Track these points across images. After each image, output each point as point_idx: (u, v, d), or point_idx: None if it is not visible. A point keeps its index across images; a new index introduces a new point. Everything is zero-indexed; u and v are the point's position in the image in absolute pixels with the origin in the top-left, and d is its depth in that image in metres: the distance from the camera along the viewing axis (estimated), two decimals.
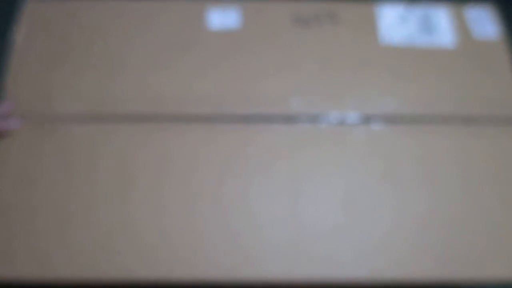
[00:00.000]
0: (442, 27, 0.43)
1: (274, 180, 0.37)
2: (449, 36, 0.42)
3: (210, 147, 0.38)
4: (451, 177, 0.37)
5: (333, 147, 0.38)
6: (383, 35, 0.42)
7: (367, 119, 0.39)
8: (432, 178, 0.37)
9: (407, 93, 0.40)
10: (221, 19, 0.43)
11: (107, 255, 0.34)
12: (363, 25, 0.43)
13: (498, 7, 0.44)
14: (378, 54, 0.42)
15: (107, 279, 0.34)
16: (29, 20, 0.42)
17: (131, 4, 0.44)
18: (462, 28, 0.43)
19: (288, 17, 0.43)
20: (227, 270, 0.34)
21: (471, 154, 0.38)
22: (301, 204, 0.36)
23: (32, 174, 0.37)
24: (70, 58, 0.41)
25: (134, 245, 0.35)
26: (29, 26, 0.42)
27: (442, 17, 0.43)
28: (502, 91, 0.40)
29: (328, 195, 0.37)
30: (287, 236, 0.35)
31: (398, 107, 0.40)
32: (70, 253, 0.34)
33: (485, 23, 0.43)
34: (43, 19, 0.42)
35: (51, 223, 0.35)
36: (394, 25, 0.43)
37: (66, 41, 0.42)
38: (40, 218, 0.35)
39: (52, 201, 0.36)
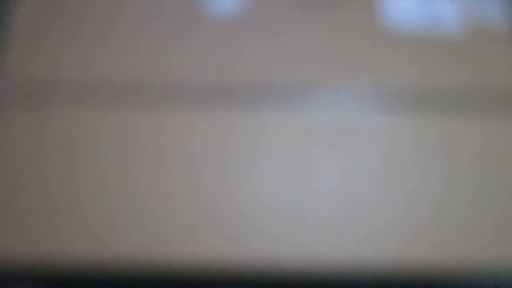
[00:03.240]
0: (448, 17, 0.43)
1: (275, 161, 0.37)
2: (456, 27, 0.42)
3: (211, 129, 0.38)
4: (448, 164, 0.37)
5: (333, 131, 0.38)
6: (389, 24, 0.42)
7: (371, 106, 0.39)
8: (430, 164, 0.37)
9: (411, 81, 0.40)
10: (224, 4, 0.42)
11: (113, 235, 0.34)
12: (369, 13, 0.43)
13: None
14: (383, 43, 0.41)
15: (111, 256, 0.34)
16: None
17: None
18: (469, 19, 0.43)
19: (294, 3, 0.43)
20: (232, 247, 0.34)
21: (471, 143, 0.38)
22: (301, 184, 0.36)
23: (33, 154, 0.36)
24: (70, 38, 0.40)
25: (141, 224, 0.34)
26: (28, 4, 0.42)
27: (448, 7, 0.43)
28: (509, 83, 0.40)
29: (327, 178, 0.37)
30: (288, 212, 0.35)
31: (401, 95, 0.40)
32: (76, 232, 0.34)
33: (492, 14, 0.43)
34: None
35: (53, 199, 0.35)
36: (399, 14, 0.43)
37: (65, 21, 0.41)
38: (44, 197, 0.35)
39: (54, 178, 0.35)
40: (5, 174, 0.36)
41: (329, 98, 0.39)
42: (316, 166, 0.37)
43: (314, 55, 0.41)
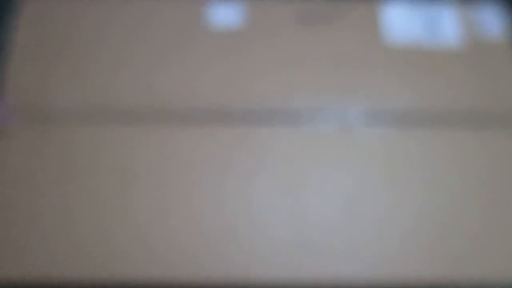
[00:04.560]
0: (447, 27, 0.42)
1: (276, 180, 0.37)
2: (454, 36, 0.42)
3: (212, 145, 0.37)
4: (453, 178, 0.37)
5: (336, 148, 0.38)
6: (388, 34, 0.42)
7: (370, 120, 0.39)
8: (435, 179, 0.37)
9: (411, 93, 0.40)
10: (224, 17, 0.42)
11: (110, 255, 0.34)
12: (367, 24, 0.43)
13: (505, 5, 0.44)
14: (382, 53, 0.41)
15: (108, 276, 0.34)
16: (29, 15, 0.42)
17: (132, 2, 0.43)
18: (468, 28, 0.42)
19: (292, 16, 0.43)
20: (229, 268, 0.34)
21: (474, 157, 0.38)
22: (303, 205, 0.36)
23: (32, 174, 0.36)
24: (71, 55, 0.40)
25: (137, 245, 0.34)
26: (29, 22, 0.41)
27: (447, 17, 0.43)
28: (508, 92, 0.40)
29: (330, 196, 0.36)
30: (290, 236, 0.35)
31: (402, 107, 0.39)
32: (72, 253, 0.34)
33: (491, 23, 0.42)
34: (43, 14, 0.42)
35: (51, 220, 0.35)
36: (398, 25, 0.42)
37: (66, 38, 0.41)
38: (42, 217, 0.35)
39: (52, 199, 0.35)
40: (3, 196, 0.36)
41: (331, 118, 0.39)
42: (319, 186, 0.37)
43: (317, 75, 0.41)
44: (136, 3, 0.43)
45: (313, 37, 0.42)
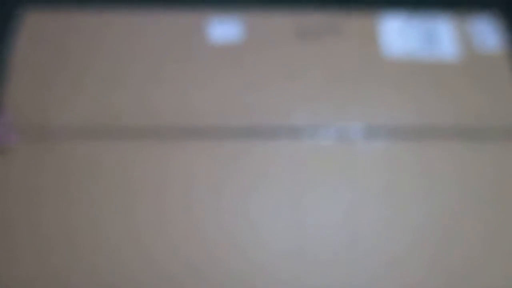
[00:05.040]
0: (445, 40, 0.43)
1: (276, 195, 0.37)
2: (452, 49, 0.42)
3: (211, 161, 0.37)
4: (453, 192, 0.37)
5: (335, 162, 0.38)
6: (385, 47, 0.42)
7: (369, 133, 0.39)
8: (434, 193, 0.37)
9: (409, 106, 0.40)
10: (223, 31, 0.42)
11: (111, 270, 0.34)
12: (365, 38, 0.43)
13: (502, 17, 0.44)
14: (380, 67, 0.42)
15: None
16: (27, 32, 0.42)
17: (130, 17, 0.43)
18: (465, 41, 0.43)
19: (291, 29, 0.43)
20: (232, 282, 0.34)
21: (473, 170, 0.38)
22: (303, 219, 0.36)
23: (32, 190, 0.36)
24: (69, 71, 0.40)
25: (139, 259, 0.34)
26: (27, 38, 0.41)
27: (444, 30, 0.43)
28: (506, 105, 0.40)
29: (330, 210, 0.36)
30: (290, 249, 0.35)
31: (400, 121, 0.39)
32: (73, 269, 0.34)
33: (488, 36, 0.43)
34: (41, 31, 0.42)
35: (53, 239, 0.35)
36: (396, 38, 0.43)
37: (64, 53, 0.41)
38: (43, 234, 0.35)
39: (53, 217, 0.35)
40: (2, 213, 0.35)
41: (330, 132, 0.39)
42: (319, 200, 0.37)
43: (316, 88, 0.41)
44: (134, 18, 0.43)
45: (312, 51, 0.42)
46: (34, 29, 0.42)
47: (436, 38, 0.43)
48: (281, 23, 0.43)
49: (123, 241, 0.35)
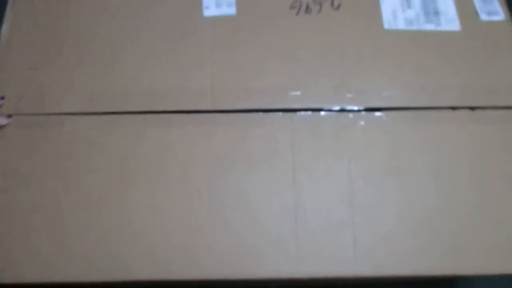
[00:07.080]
0: (447, 10, 0.41)
1: (275, 174, 0.36)
2: (454, 20, 0.41)
3: (208, 141, 0.37)
4: (457, 166, 0.37)
5: (335, 139, 0.37)
6: (386, 20, 0.41)
7: (370, 108, 0.38)
8: (438, 168, 0.36)
9: (411, 79, 0.39)
10: (217, 5, 0.41)
11: (105, 254, 0.34)
12: (365, 10, 0.41)
13: None
14: (381, 40, 0.40)
15: (105, 279, 0.33)
16: (18, 13, 0.41)
17: None
18: (467, 11, 0.41)
19: (286, 2, 0.42)
20: (228, 267, 0.34)
21: (477, 142, 0.37)
22: (303, 198, 0.35)
23: (26, 172, 0.36)
24: (62, 52, 0.40)
25: (133, 244, 0.34)
26: (18, 19, 0.40)
27: (446, 0, 0.42)
28: (509, 75, 0.39)
29: (331, 187, 0.36)
30: (288, 231, 0.34)
31: (402, 94, 0.39)
32: (67, 252, 0.34)
33: (490, 5, 0.41)
34: (33, 11, 0.41)
35: (46, 222, 0.34)
36: (397, 9, 0.41)
37: (57, 34, 0.40)
38: (36, 217, 0.35)
39: (47, 200, 0.35)
40: None
41: (329, 106, 0.38)
42: (320, 180, 0.36)
43: (314, 63, 0.40)
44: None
45: (308, 24, 0.41)
46: (25, 9, 0.41)
47: (438, 9, 0.41)
48: None
49: (117, 223, 0.34)
